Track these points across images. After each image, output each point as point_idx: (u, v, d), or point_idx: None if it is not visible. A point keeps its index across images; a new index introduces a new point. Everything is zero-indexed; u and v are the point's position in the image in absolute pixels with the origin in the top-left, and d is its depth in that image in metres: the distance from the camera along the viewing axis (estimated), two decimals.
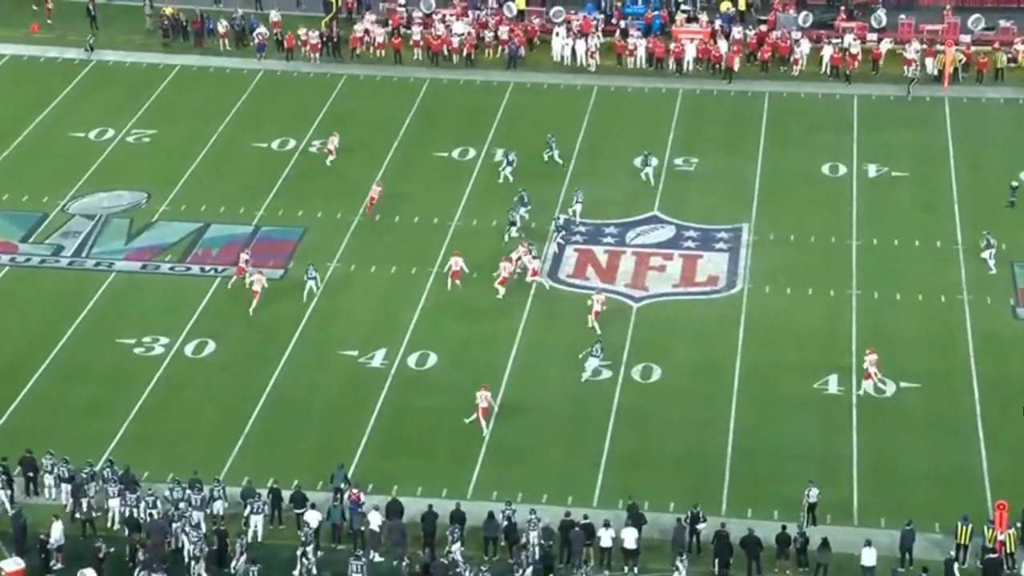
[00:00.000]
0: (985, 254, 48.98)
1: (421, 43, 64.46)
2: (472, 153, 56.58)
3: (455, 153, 56.77)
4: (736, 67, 62.59)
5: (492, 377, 44.05)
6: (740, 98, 61.05)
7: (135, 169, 56.08)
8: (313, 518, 38.08)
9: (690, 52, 63.12)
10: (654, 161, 54.50)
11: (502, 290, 47.55)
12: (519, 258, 48.41)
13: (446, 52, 64.06)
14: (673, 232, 51.67)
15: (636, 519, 37.96)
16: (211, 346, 45.92)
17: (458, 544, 37.31)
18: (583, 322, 46.30)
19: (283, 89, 62.43)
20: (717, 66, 62.80)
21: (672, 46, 63.41)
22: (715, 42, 63.54)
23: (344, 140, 57.17)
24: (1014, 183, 53.04)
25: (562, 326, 46.61)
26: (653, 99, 61.19)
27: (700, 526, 37.94)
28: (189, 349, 45.84)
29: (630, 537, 37.58)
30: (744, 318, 46.95)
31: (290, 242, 51.21)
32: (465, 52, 63.86)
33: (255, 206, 53.38)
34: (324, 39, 64.75)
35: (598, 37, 64.01)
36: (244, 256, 49.12)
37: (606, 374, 44.35)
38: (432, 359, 44.93)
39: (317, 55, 64.27)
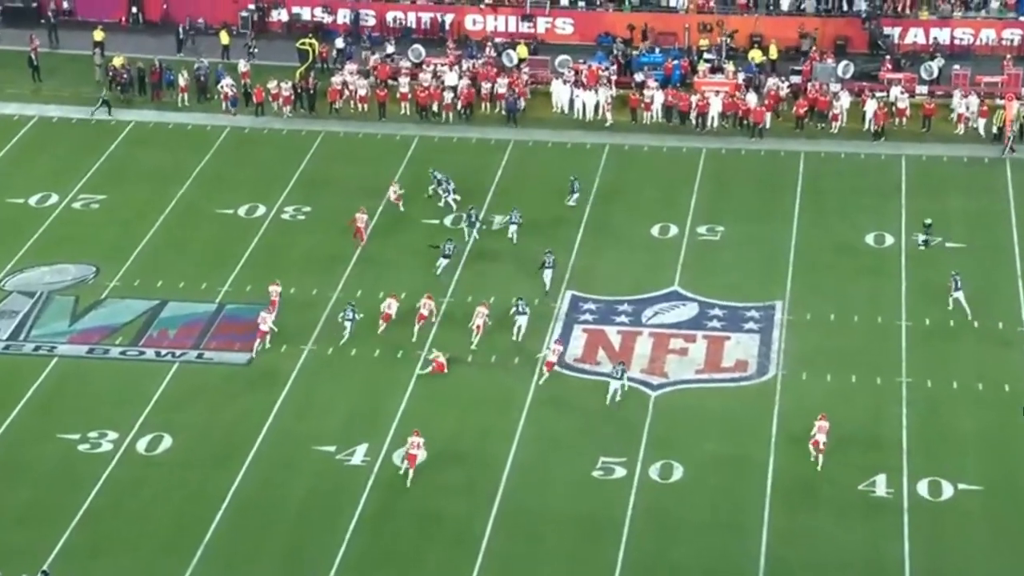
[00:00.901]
0: (954, 296, 50.39)
1: (409, 96, 65.07)
2: (466, 220, 56.99)
3: (448, 220, 57.16)
4: (767, 123, 63.21)
5: (490, 475, 44.09)
6: (772, 158, 61.57)
7: (82, 239, 56.40)
8: None
9: (715, 106, 63.74)
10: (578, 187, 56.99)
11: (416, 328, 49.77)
12: (480, 325, 49.53)
13: (435, 107, 64.65)
14: (696, 310, 51.90)
15: None
16: (167, 442, 45.93)
17: None
18: (594, 412, 46.36)
19: (251, 148, 62.95)
20: (745, 122, 63.41)
21: (694, 99, 64.04)
22: (743, 95, 64.20)
23: (321, 206, 57.59)
24: (927, 220, 54.67)
25: (570, 417, 46.63)
26: (672, 159, 61.72)
27: None
28: (142, 445, 45.81)
29: None
30: (778, 409, 47.02)
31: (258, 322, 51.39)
32: (460, 106, 64.49)
33: (219, 281, 53.64)
34: (298, 91, 65.40)
35: (611, 89, 64.66)
36: (275, 288, 50.63)
37: (620, 472, 44.31)
38: (421, 456, 44.86)
39: (289, 108, 64.87)
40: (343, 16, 71.81)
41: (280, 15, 72.52)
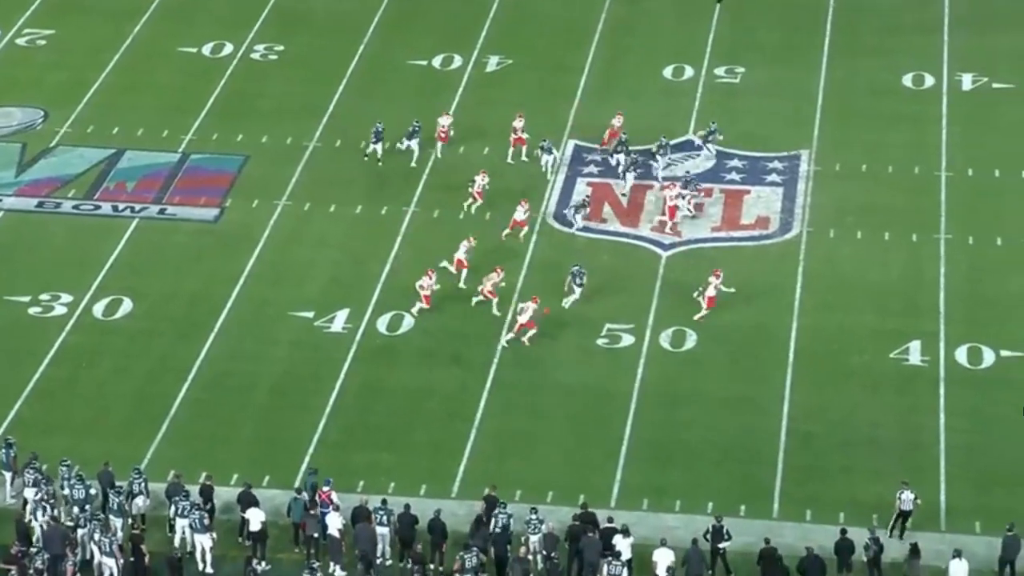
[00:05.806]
0: (543, 160, 50.72)
1: None
2: (458, 61, 56.67)
3: (436, 61, 56.94)
4: None
5: (483, 344, 44.33)
6: None
7: (28, 80, 56.29)
8: (256, 518, 38.03)
9: None
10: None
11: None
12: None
13: None
14: (713, 161, 51.87)
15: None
16: (127, 306, 46.08)
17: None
18: (598, 275, 46.42)
19: None
20: None
21: None
22: None
23: (295, 45, 57.41)
24: None
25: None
26: None
27: (723, 545, 37.26)
28: (99, 309, 45.97)
29: (663, 560, 36.87)
30: (802, 270, 47.10)
31: (226, 174, 51.32)
32: None
33: (182, 128, 53.54)
34: None
35: None
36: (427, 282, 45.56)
37: (627, 340, 44.48)
38: (407, 322, 45.13)
39: None
40: None
41: None
